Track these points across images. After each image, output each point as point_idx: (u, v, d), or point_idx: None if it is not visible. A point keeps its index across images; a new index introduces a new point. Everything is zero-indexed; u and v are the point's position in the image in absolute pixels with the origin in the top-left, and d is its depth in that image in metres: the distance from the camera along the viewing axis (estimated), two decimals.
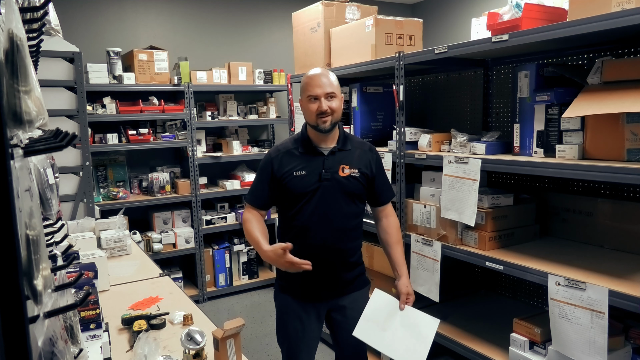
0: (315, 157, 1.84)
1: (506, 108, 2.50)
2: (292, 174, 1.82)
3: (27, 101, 0.50)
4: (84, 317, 1.37)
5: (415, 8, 5.80)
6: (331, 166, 1.83)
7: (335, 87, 1.81)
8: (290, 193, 1.83)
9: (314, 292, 1.89)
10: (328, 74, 1.83)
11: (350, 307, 1.90)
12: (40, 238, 0.53)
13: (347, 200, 1.84)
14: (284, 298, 1.93)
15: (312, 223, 1.82)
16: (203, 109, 4.34)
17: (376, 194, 1.95)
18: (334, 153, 1.85)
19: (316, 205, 1.81)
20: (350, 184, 1.84)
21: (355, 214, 1.89)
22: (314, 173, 1.81)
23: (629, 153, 1.62)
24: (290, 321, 1.90)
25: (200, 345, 1.42)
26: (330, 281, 1.88)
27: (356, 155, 1.88)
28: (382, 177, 1.96)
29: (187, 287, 4.25)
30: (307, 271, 1.77)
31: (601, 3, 1.55)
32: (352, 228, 1.88)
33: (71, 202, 2.86)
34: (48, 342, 0.53)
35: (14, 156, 0.48)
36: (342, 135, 1.89)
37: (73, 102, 2.85)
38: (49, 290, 0.56)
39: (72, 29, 3.83)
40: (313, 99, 1.79)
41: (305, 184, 1.81)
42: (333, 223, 1.83)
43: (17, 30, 0.49)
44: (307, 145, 1.86)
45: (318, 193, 1.81)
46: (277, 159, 1.86)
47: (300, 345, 1.91)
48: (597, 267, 1.78)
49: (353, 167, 1.85)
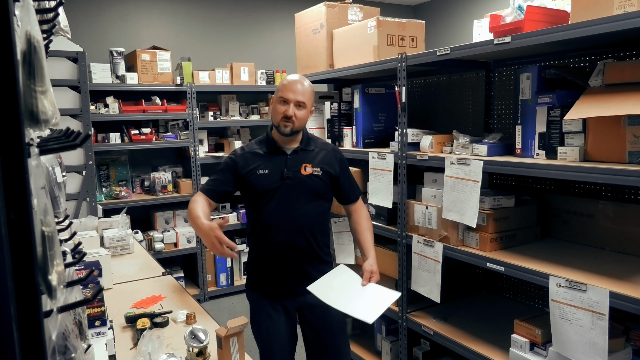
0: (278, 156, 1.90)
1: (508, 110, 2.51)
2: (256, 172, 1.87)
3: (43, 101, 0.51)
4: (89, 314, 1.38)
5: (417, 10, 5.81)
6: (293, 165, 1.88)
7: (307, 98, 1.86)
8: (254, 191, 1.88)
9: (279, 290, 1.92)
10: (305, 82, 1.88)
11: (319, 304, 1.87)
12: (54, 234, 0.54)
13: (309, 198, 1.90)
14: (253, 295, 1.97)
15: (275, 220, 1.87)
16: (205, 109, 4.35)
17: (342, 192, 2.03)
18: (297, 152, 1.91)
19: (278, 203, 1.86)
20: (312, 182, 1.89)
21: (318, 213, 1.94)
22: (276, 171, 1.87)
23: (631, 155, 1.63)
24: (261, 318, 1.94)
25: (204, 343, 1.43)
26: (294, 278, 1.91)
27: (319, 155, 1.95)
28: (346, 176, 2.04)
29: (188, 286, 4.26)
30: (272, 268, 1.88)
31: (603, 6, 1.56)
32: (315, 226, 1.93)
33: (74, 200, 2.88)
34: (61, 336, 0.54)
35: (31, 154, 0.49)
36: (305, 137, 1.96)
37: (77, 101, 2.87)
38: (62, 285, 0.57)
39: (75, 29, 3.85)
40: (283, 102, 1.85)
41: (268, 182, 1.86)
42: (295, 221, 1.87)
43: (35, 32, 0.50)
44: (270, 145, 1.92)
45: (280, 191, 1.86)
46: (241, 157, 1.92)
47: (273, 342, 1.94)
48: (598, 269, 1.79)
49: (315, 165, 1.91)
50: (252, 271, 1.97)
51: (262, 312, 1.93)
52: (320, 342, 1.97)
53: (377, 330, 2.93)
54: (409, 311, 2.53)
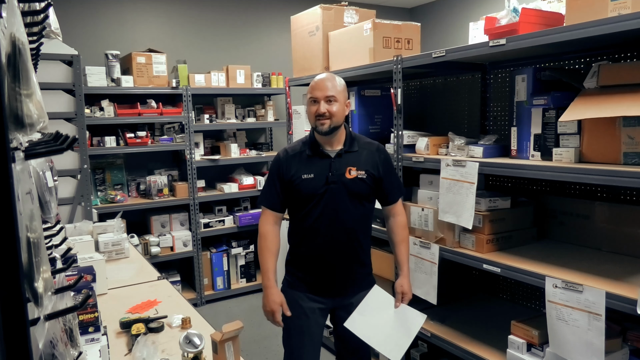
0: (323, 160, 1.88)
1: (503, 112, 2.51)
2: (301, 177, 1.86)
3: (28, 104, 0.50)
4: (82, 320, 1.36)
5: (413, 12, 5.82)
6: (338, 168, 1.86)
7: (337, 91, 1.84)
8: (299, 196, 1.87)
9: (321, 290, 1.93)
10: (334, 78, 1.87)
11: (357, 304, 1.94)
12: (40, 241, 0.53)
13: (354, 201, 1.88)
14: (292, 294, 1.96)
15: (320, 225, 1.87)
16: (201, 112, 4.34)
17: (384, 193, 1.99)
18: (341, 155, 1.88)
19: (324, 207, 1.85)
20: (356, 185, 1.87)
21: (362, 215, 1.93)
22: (321, 176, 1.85)
23: (626, 156, 1.63)
24: (296, 316, 1.93)
25: (199, 348, 1.42)
26: (337, 280, 1.93)
27: (363, 156, 1.91)
28: (390, 177, 1.98)
29: (184, 290, 4.24)
30: (315, 269, 1.90)
31: (598, 8, 1.56)
32: (360, 229, 1.93)
33: (69, 205, 2.86)
34: (49, 344, 0.53)
35: (15, 159, 0.48)
36: (348, 137, 1.93)
37: (71, 105, 2.85)
38: (49, 292, 0.56)
39: (70, 32, 3.83)
40: (313, 102, 1.84)
41: (313, 186, 1.85)
42: (341, 224, 1.87)
43: (20, 34, 0.49)
44: (314, 147, 1.90)
45: (326, 196, 1.85)
46: (284, 161, 1.90)
47: (305, 341, 1.94)
48: (594, 270, 1.79)
49: (360, 168, 1.88)
50: (293, 271, 1.97)
51: (298, 310, 1.93)
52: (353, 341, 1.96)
53: None
54: None
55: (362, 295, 1.96)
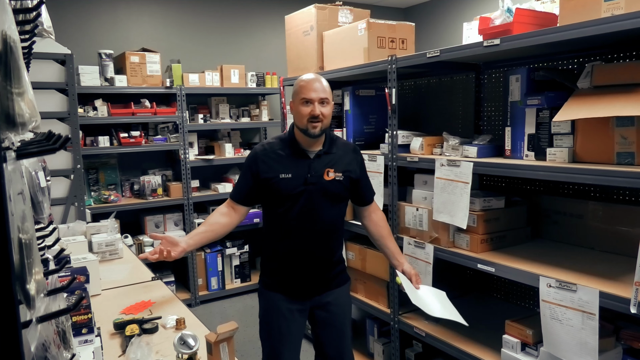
0: (301, 160, 1.86)
1: (497, 112, 2.52)
2: (278, 177, 1.83)
3: (20, 103, 0.49)
4: (75, 321, 1.35)
5: (407, 12, 5.83)
6: (317, 170, 1.85)
7: (328, 93, 1.84)
8: (276, 195, 1.85)
9: (298, 290, 1.92)
10: (322, 79, 1.85)
11: (334, 303, 1.96)
12: (32, 242, 0.52)
13: (331, 202, 1.88)
14: (268, 295, 1.95)
15: (296, 224, 1.86)
16: (195, 112, 4.32)
17: (361, 194, 2.01)
18: (320, 156, 1.87)
19: (301, 208, 1.84)
20: (334, 187, 1.87)
21: (338, 215, 1.95)
22: (299, 176, 1.83)
23: (619, 156, 1.64)
24: (275, 318, 1.92)
25: (193, 349, 1.41)
26: (314, 279, 1.92)
27: (341, 158, 1.92)
28: (365, 178, 2.03)
29: (179, 290, 4.22)
30: (292, 270, 1.89)
31: (591, 9, 1.57)
32: (335, 228, 1.94)
33: (62, 205, 2.84)
34: (41, 347, 0.52)
35: (7, 159, 0.47)
36: (328, 138, 1.92)
37: (64, 104, 2.83)
38: (42, 294, 0.55)
39: (63, 31, 3.80)
40: (306, 102, 1.80)
41: (291, 186, 1.83)
42: (317, 224, 1.87)
43: (11, 32, 0.48)
44: (294, 147, 1.87)
45: (303, 196, 1.84)
46: (262, 158, 1.87)
47: (283, 342, 1.93)
48: (587, 269, 1.80)
49: (338, 170, 1.88)
50: (270, 272, 1.95)
51: (276, 311, 1.92)
52: (332, 337, 1.97)
53: (369, 332, 2.92)
54: (401, 313, 2.53)
55: (338, 292, 1.97)
